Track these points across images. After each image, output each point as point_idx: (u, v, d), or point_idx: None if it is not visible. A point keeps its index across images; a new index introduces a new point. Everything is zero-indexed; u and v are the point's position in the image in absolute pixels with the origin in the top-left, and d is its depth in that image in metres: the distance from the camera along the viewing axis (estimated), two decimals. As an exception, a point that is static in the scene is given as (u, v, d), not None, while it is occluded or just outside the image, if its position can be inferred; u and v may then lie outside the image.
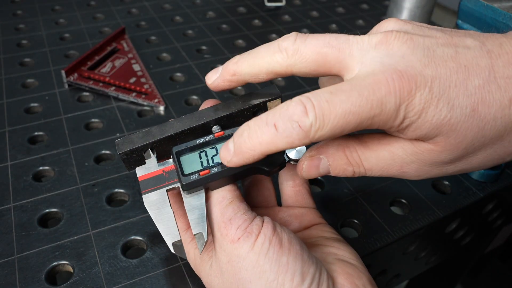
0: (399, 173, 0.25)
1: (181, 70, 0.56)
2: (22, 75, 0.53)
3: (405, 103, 0.21)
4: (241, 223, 0.25)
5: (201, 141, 0.28)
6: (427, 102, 0.21)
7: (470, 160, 0.24)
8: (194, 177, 0.26)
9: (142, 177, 0.28)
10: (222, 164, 0.26)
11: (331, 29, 0.68)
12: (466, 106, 0.21)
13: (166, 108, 0.49)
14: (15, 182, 0.39)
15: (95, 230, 0.35)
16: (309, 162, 0.27)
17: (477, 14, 0.38)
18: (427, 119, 0.22)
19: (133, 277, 0.32)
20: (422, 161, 0.24)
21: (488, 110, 0.21)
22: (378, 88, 0.21)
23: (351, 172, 0.26)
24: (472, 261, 0.74)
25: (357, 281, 0.26)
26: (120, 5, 0.72)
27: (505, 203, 0.46)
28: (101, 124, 0.46)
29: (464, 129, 0.22)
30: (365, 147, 0.25)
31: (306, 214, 0.32)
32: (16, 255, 0.33)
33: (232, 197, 0.27)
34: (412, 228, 0.37)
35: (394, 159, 0.24)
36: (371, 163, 0.25)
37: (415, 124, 0.22)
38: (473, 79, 0.21)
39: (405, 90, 0.21)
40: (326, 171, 0.26)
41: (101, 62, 0.55)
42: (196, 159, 0.27)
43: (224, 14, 0.71)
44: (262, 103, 0.29)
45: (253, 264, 0.24)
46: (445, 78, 0.21)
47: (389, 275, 0.43)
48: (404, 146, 0.24)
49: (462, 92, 0.21)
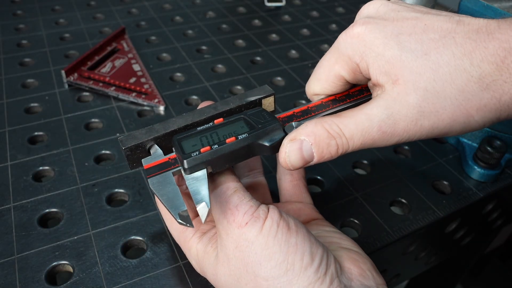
0: (379, 134, 0.25)
1: (181, 70, 0.56)
2: (22, 75, 0.53)
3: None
4: (247, 209, 0.25)
5: (202, 128, 0.28)
6: (378, 40, 0.25)
7: (440, 112, 0.24)
8: (195, 155, 0.26)
9: (148, 166, 0.27)
10: (222, 141, 0.27)
11: (331, 29, 0.68)
12: (417, 49, 0.24)
13: (166, 108, 0.49)
14: (15, 182, 0.39)
15: (95, 230, 0.35)
16: (290, 147, 0.26)
17: (477, 14, 0.38)
18: (379, 53, 0.25)
19: (133, 277, 0.32)
20: (396, 113, 0.25)
21: (441, 57, 0.23)
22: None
23: (335, 146, 0.26)
24: (472, 261, 0.74)
25: (363, 265, 0.26)
26: (120, 5, 0.72)
27: (505, 203, 0.46)
28: (101, 124, 0.46)
29: (417, 67, 0.24)
30: (342, 117, 0.26)
31: (303, 209, 0.33)
32: (16, 255, 0.33)
33: (236, 187, 0.27)
34: (412, 228, 0.37)
35: (372, 120, 0.25)
36: (351, 130, 0.26)
37: (371, 59, 0.25)
38: (430, 33, 0.24)
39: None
40: (310, 154, 0.26)
41: (101, 62, 0.55)
42: (197, 142, 0.27)
43: (224, 14, 0.71)
44: (257, 100, 0.30)
45: (262, 247, 0.24)
46: (398, 29, 0.25)
47: (389, 275, 0.43)
48: (377, 103, 0.25)
49: (415, 39, 0.24)
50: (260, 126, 0.28)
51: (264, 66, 0.58)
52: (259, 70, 0.57)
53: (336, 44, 0.27)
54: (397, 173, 0.42)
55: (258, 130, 0.27)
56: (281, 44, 0.63)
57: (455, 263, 0.73)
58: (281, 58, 0.60)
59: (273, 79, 0.56)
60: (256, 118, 0.28)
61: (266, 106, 0.31)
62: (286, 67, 0.58)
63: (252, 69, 0.57)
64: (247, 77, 0.55)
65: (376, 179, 0.41)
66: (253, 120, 0.28)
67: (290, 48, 0.62)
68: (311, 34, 0.67)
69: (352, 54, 0.26)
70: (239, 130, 0.28)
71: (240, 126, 0.28)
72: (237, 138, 0.27)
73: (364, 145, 0.26)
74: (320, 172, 0.42)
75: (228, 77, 0.55)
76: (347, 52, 0.26)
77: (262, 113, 0.29)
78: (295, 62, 0.59)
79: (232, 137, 0.27)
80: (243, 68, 0.57)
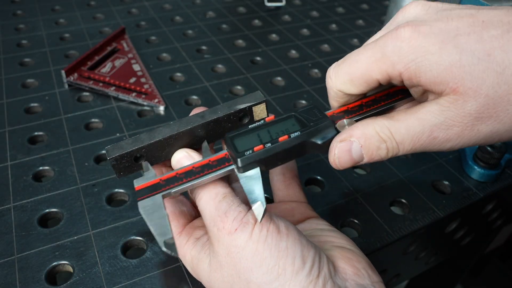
0: (430, 139, 0.24)
1: (181, 70, 0.56)
2: (22, 75, 0.53)
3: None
4: (236, 215, 0.25)
5: (253, 126, 0.28)
6: (433, 46, 0.22)
7: (501, 116, 0.22)
8: (249, 153, 0.26)
9: (139, 187, 0.28)
10: (275, 140, 0.27)
11: (331, 29, 0.68)
12: (479, 51, 0.21)
13: (166, 108, 0.49)
14: (15, 182, 0.39)
15: (95, 230, 0.35)
16: (340, 148, 0.26)
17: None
18: (435, 61, 0.22)
19: (133, 277, 0.32)
20: (450, 119, 0.23)
21: (506, 56, 0.21)
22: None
23: (385, 150, 0.25)
24: (472, 261, 0.74)
25: (357, 264, 0.26)
26: (120, 5, 0.72)
27: (505, 203, 0.46)
28: (101, 124, 0.46)
29: (479, 71, 0.22)
30: (394, 120, 0.25)
31: (297, 208, 0.33)
32: (16, 255, 0.33)
33: (225, 193, 0.27)
34: (412, 228, 0.37)
35: (424, 125, 0.24)
36: (402, 135, 0.25)
37: (424, 67, 0.23)
38: (490, 30, 0.22)
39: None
40: (359, 155, 0.26)
41: (101, 62, 0.55)
42: (249, 140, 0.28)
43: (224, 14, 0.71)
44: (247, 108, 0.29)
45: (252, 253, 0.24)
46: (455, 29, 0.22)
47: (389, 275, 0.43)
48: (430, 108, 0.24)
49: (475, 39, 0.22)
50: (312, 124, 0.27)
51: (264, 66, 0.58)
52: (259, 70, 0.57)
53: (382, 44, 0.24)
54: (397, 173, 0.42)
55: (310, 128, 0.27)
56: (281, 44, 0.63)
57: (455, 263, 0.73)
58: (281, 58, 0.60)
59: (273, 79, 0.56)
60: (308, 115, 0.28)
61: (258, 113, 0.30)
62: (286, 67, 0.58)
63: (252, 69, 0.57)
64: (247, 77, 0.55)
65: (376, 179, 0.41)
66: (304, 117, 0.28)
67: (290, 48, 0.62)
68: (311, 34, 0.67)
69: (397, 61, 0.24)
70: (291, 128, 0.28)
71: (292, 124, 0.28)
72: (289, 137, 0.27)
73: (414, 150, 0.25)
74: (320, 172, 0.42)
75: (228, 77, 0.55)
76: (393, 58, 0.24)
77: (313, 110, 0.28)
78: (295, 62, 0.59)
79: (284, 135, 0.27)
80: (243, 68, 0.57)
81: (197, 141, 0.30)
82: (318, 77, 0.56)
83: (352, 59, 0.26)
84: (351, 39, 0.66)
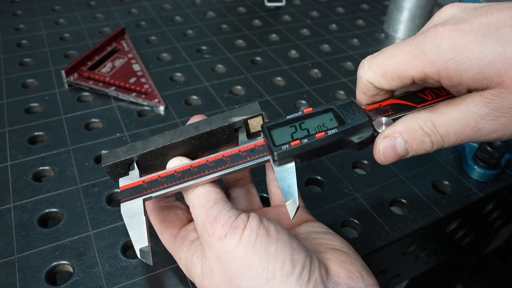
0: (475, 131, 0.24)
1: (181, 70, 0.56)
2: (22, 75, 0.53)
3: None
4: (226, 220, 0.25)
5: (291, 117, 0.28)
6: (473, 42, 0.22)
7: None
8: (285, 148, 0.27)
9: (124, 187, 0.28)
10: (311, 135, 0.27)
11: (331, 29, 0.68)
12: None
13: (166, 108, 0.49)
14: (15, 182, 0.39)
15: (95, 230, 0.35)
16: (385, 144, 0.26)
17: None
18: (476, 57, 0.22)
19: (133, 277, 0.32)
20: (495, 109, 0.23)
21: None
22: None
23: (429, 143, 0.25)
24: (472, 261, 0.74)
25: (351, 267, 0.26)
26: (120, 5, 0.72)
27: (505, 203, 0.46)
28: (101, 124, 0.46)
29: None
30: (436, 113, 0.25)
31: None
32: (16, 255, 0.33)
33: (216, 199, 0.27)
34: (412, 228, 0.37)
35: (467, 117, 0.24)
36: (446, 128, 0.24)
37: (465, 66, 0.22)
38: None
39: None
40: (404, 150, 0.26)
41: (101, 62, 0.55)
42: (286, 132, 0.28)
43: (224, 14, 0.71)
44: (243, 121, 0.29)
45: (242, 257, 0.24)
46: (496, 22, 0.22)
47: (389, 275, 0.43)
48: (474, 100, 0.23)
49: None
50: (349, 121, 0.27)
51: (264, 66, 0.58)
52: (259, 70, 0.57)
53: (420, 41, 0.24)
54: (397, 173, 0.42)
55: (347, 126, 0.27)
56: (281, 44, 0.63)
57: (455, 263, 0.73)
58: (281, 58, 0.60)
59: (273, 79, 0.56)
60: (346, 111, 0.28)
61: (254, 126, 0.30)
62: (286, 67, 0.58)
63: (252, 69, 0.57)
64: (247, 77, 0.55)
65: (376, 179, 0.41)
66: (342, 113, 0.28)
67: (290, 48, 0.62)
68: (311, 34, 0.67)
69: (436, 59, 0.23)
70: (328, 124, 0.28)
71: (329, 118, 0.28)
72: (326, 134, 0.27)
73: (460, 142, 0.25)
74: (320, 172, 0.42)
75: (228, 77, 0.55)
76: (431, 56, 0.23)
77: (351, 106, 0.28)
78: (295, 62, 0.59)
79: (321, 132, 0.27)
80: (243, 68, 0.57)
81: (191, 151, 0.30)
82: (318, 77, 0.56)
83: (388, 52, 0.26)
84: (351, 39, 0.66)
